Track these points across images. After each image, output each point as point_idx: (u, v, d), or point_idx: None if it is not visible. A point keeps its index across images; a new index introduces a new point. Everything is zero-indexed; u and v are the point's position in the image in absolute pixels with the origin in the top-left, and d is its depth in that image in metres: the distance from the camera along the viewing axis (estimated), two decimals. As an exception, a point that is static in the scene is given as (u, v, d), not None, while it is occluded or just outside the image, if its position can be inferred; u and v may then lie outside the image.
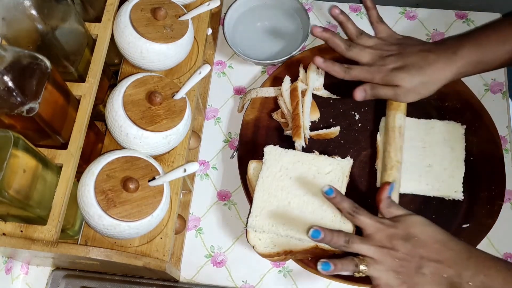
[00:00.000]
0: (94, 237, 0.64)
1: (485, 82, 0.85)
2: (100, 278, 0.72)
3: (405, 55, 0.72)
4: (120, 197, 0.58)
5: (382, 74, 0.72)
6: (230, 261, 0.75)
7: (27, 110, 0.55)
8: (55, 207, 0.58)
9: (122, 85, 0.65)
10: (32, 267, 0.75)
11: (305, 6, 0.93)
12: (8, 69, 0.53)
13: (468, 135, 0.78)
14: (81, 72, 0.66)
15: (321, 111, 0.81)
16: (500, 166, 0.76)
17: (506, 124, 0.82)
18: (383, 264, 0.59)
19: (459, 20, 0.91)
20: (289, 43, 0.89)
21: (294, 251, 0.68)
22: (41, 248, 0.56)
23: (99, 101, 0.75)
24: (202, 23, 0.77)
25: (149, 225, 0.60)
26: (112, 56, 0.76)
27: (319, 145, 0.79)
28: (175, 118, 0.64)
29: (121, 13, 0.68)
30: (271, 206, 0.69)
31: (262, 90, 0.82)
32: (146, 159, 0.62)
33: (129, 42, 0.67)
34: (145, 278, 0.73)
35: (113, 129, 0.64)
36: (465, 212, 0.74)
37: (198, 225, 0.77)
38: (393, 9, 0.93)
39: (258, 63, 0.86)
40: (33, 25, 0.57)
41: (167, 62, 0.70)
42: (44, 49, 0.59)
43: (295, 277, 0.73)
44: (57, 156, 0.61)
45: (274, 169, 0.71)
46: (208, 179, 0.81)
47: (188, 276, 0.74)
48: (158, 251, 0.63)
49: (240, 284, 0.73)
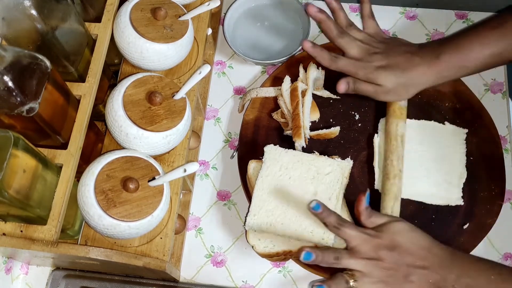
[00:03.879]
0: (94, 237, 0.64)
1: (485, 82, 0.85)
2: (100, 278, 0.72)
3: (391, 55, 0.72)
4: (120, 197, 0.58)
5: (366, 71, 0.72)
6: (230, 261, 0.75)
7: (27, 110, 0.55)
8: (55, 207, 0.58)
9: (122, 85, 0.65)
10: (32, 267, 0.75)
11: (305, 6, 0.93)
12: (8, 69, 0.53)
13: (468, 135, 0.78)
14: (81, 72, 0.66)
15: (321, 111, 0.81)
16: (500, 166, 0.76)
17: (506, 124, 0.82)
18: (372, 276, 0.60)
19: (459, 20, 0.91)
20: (289, 43, 0.89)
21: (293, 251, 0.68)
22: (41, 248, 0.56)
23: (99, 101, 0.75)
24: (202, 23, 0.77)
25: (149, 225, 0.60)
26: (112, 56, 0.76)
27: (319, 145, 0.79)
28: (175, 118, 0.64)
29: (121, 13, 0.68)
30: (269, 205, 0.69)
31: (262, 90, 0.82)
32: (146, 159, 0.62)
33: (129, 42, 0.67)
34: (145, 278, 0.73)
35: (113, 129, 0.64)
36: (465, 212, 0.74)
37: (198, 225, 0.77)
38: (393, 9, 0.93)
39: (258, 63, 0.86)
40: (33, 25, 0.57)
41: (167, 62, 0.70)
42: (44, 49, 0.59)
43: (295, 277, 0.74)
44: (57, 156, 0.61)
45: (274, 169, 0.71)
46: (208, 179, 0.81)
47: (188, 276, 0.74)
48: (158, 251, 0.63)
49: (240, 284, 0.73)
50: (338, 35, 0.75)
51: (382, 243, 0.61)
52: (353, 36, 0.76)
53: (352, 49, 0.74)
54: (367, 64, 0.72)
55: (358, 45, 0.74)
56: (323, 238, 0.66)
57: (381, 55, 0.72)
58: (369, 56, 0.73)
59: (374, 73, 0.71)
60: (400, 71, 0.71)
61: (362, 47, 0.74)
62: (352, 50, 0.74)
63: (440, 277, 0.59)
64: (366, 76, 0.72)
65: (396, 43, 0.76)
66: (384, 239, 0.61)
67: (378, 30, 0.78)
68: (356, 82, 0.73)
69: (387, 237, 0.61)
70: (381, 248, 0.61)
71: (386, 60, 0.72)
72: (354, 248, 0.61)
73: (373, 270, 0.60)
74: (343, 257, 0.61)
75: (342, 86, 0.73)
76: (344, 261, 0.61)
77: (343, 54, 0.76)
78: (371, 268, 0.60)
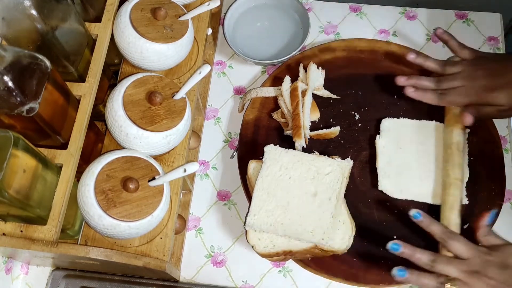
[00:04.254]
0: (94, 237, 0.64)
1: (485, 82, 0.85)
2: (100, 278, 0.72)
3: (497, 73, 0.70)
4: (120, 197, 0.58)
5: (479, 96, 0.70)
6: (230, 261, 0.75)
7: (27, 110, 0.55)
8: (55, 207, 0.58)
9: (122, 85, 0.65)
10: (32, 267, 0.75)
11: (305, 6, 0.93)
12: (8, 69, 0.53)
13: (468, 135, 0.78)
14: (81, 72, 0.66)
15: (321, 111, 0.81)
16: (500, 166, 0.76)
17: (506, 124, 0.82)
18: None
19: (459, 20, 0.91)
20: (289, 43, 0.89)
21: (293, 251, 0.68)
22: (41, 248, 0.56)
23: (99, 101, 0.75)
24: (202, 23, 0.77)
25: (149, 225, 0.60)
26: (112, 56, 0.76)
27: (319, 145, 0.79)
28: (175, 118, 0.64)
29: (121, 13, 0.68)
30: (269, 205, 0.69)
31: (262, 90, 0.82)
32: (146, 159, 0.62)
33: (129, 42, 0.67)
34: (145, 278, 0.73)
35: (113, 129, 0.64)
36: (465, 212, 0.74)
37: (198, 225, 0.77)
38: (393, 9, 0.93)
39: (258, 63, 0.86)
40: (33, 25, 0.57)
41: (167, 62, 0.70)
42: (44, 49, 0.59)
43: (295, 277, 0.73)
44: (57, 156, 0.61)
45: (274, 169, 0.71)
46: (208, 179, 0.81)
47: (188, 276, 0.74)
48: (158, 251, 0.63)
49: (240, 284, 0.73)
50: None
51: (494, 260, 0.59)
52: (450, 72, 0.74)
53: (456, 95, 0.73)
54: (474, 89, 0.71)
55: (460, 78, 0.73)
56: (323, 238, 0.66)
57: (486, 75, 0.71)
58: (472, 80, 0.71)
59: (487, 96, 0.70)
60: None
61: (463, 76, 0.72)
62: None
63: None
64: (481, 100, 0.71)
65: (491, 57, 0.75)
66: (496, 257, 0.60)
67: (474, 54, 0.75)
68: (478, 109, 0.72)
69: (499, 256, 0.60)
70: (490, 265, 0.59)
71: (494, 81, 0.70)
72: (460, 257, 0.60)
73: (478, 283, 0.58)
74: (441, 262, 0.60)
75: (469, 119, 0.71)
76: (441, 265, 0.59)
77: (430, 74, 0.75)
78: (476, 281, 0.58)
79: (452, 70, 0.74)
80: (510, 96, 0.68)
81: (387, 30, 0.91)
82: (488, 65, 0.72)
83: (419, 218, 0.63)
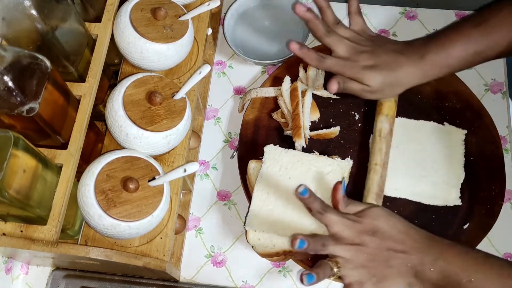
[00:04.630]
0: (94, 237, 0.64)
1: (485, 82, 0.85)
2: (100, 278, 0.72)
3: (378, 54, 0.72)
4: (120, 197, 0.59)
5: (354, 71, 0.71)
6: (230, 261, 0.75)
7: (27, 110, 0.55)
8: (55, 207, 0.58)
9: (122, 85, 0.65)
10: (32, 267, 0.75)
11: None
12: (8, 69, 0.53)
13: (468, 135, 0.78)
14: (81, 72, 0.66)
15: (321, 111, 0.81)
16: (500, 166, 0.76)
17: (506, 124, 0.82)
18: (355, 262, 0.60)
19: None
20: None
21: (293, 251, 0.68)
22: (41, 248, 0.56)
23: (99, 101, 0.75)
24: (202, 23, 0.77)
25: (149, 225, 0.60)
26: (112, 56, 0.76)
27: (319, 145, 0.79)
28: (175, 118, 0.64)
29: (121, 13, 0.68)
30: (269, 205, 0.69)
31: (262, 90, 0.82)
32: (146, 159, 0.62)
33: (129, 42, 0.67)
34: (145, 278, 0.73)
35: (113, 129, 0.64)
36: (465, 212, 0.74)
37: (198, 225, 0.77)
38: (393, 9, 0.93)
39: (258, 63, 0.86)
40: (33, 25, 0.57)
41: (167, 62, 0.70)
42: (44, 49, 0.59)
43: (295, 277, 0.73)
44: (57, 156, 0.61)
45: (274, 169, 0.71)
46: (208, 179, 0.81)
47: (188, 276, 0.74)
48: (158, 251, 0.63)
49: (240, 284, 0.73)
50: (325, 34, 0.73)
51: (364, 228, 0.61)
52: (340, 34, 0.75)
53: (339, 48, 0.73)
54: (354, 63, 0.72)
55: (345, 44, 0.73)
56: (323, 238, 0.66)
57: (368, 54, 0.72)
58: (356, 55, 0.72)
59: (361, 72, 0.71)
60: (386, 71, 0.70)
61: (349, 45, 0.73)
62: (339, 49, 0.73)
63: (418, 261, 0.59)
64: (353, 76, 0.72)
65: (383, 41, 0.75)
66: (365, 224, 0.62)
67: (364, 27, 0.77)
68: (345, 81, 0.73)
69: (367, 222, 0.62)
70: (363, 233, 0.61)
71: (373, 60, 0.71)
72: (337, 234, 0.61)
73: (356, 255, 0.60)
74: (329, 243, 0.61)
75: (334, 86, 0.72)
76: (330, 247, 0.61)
77: (331, 53, 0.75)
78: (354, 254, 0.60)
79: (341, 31, 0.74)
80: (377, 78, 0.70)
81: (387, 30, 0.91)
82: (370, 42, 0.74)
83: (306, 194, 0.63)
